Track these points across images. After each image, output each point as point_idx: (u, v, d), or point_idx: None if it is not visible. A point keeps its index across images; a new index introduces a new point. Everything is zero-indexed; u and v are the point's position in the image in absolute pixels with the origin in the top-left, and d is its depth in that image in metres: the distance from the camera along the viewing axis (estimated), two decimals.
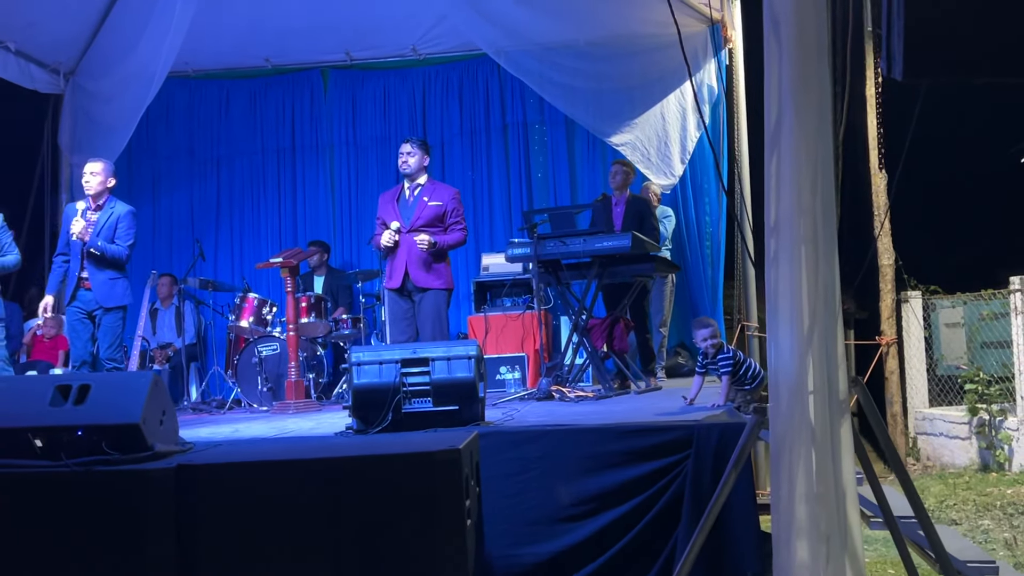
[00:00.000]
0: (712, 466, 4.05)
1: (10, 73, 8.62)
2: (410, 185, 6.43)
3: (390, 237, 6.24)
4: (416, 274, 6.20)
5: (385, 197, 6.59)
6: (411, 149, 6.42)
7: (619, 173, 7.33)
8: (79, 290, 6.13)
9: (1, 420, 3.75)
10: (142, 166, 9.72)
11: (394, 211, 6.37)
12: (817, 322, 2.95)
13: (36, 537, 3.52)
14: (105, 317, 6.12)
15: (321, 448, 3.93)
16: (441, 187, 6.52)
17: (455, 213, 6.37)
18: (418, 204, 6.33)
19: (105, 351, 6.09)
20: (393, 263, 6.33)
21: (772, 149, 3.02)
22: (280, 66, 9.73)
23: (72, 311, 6.11)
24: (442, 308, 6.21)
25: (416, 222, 6.27)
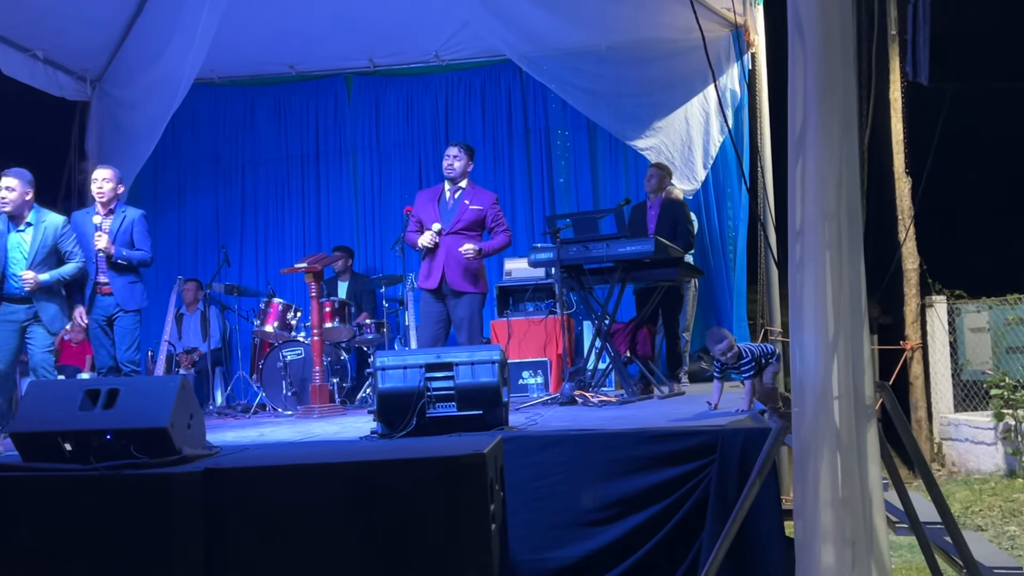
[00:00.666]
0: (737, 471, 4.04)
1: (38, 80, 8.72)
2: (451, 188, 6.47)
3: (431, 238, 6.28)
4: (453, 277, 6.25)
5: (424, 196, 6.60)
6: (458, 153, 6.47)
7: (654, 176, 7.33)
8: (96, 296, 6.17)
9: (32, 424, 3.81)
10: (168, 172, 9.80)
11: (434, 211, 6.39)
12: (842, 327, 2.95)
13: (66, 539, 3.56)
14: (124, 319, 6.16)
15: (347, 452, 3.96)
16: (482, 192, 6.56)
17: (497, 217, 6.43)
18: (459, 207, 6.37)
19: (124, 353, 6.13)
20: (431, 264, 6.36)
21: (797, 154, 3.02)
22: (304, 73, 9.80)
23: (91, 319, 6.14)
24: (476, 312, 6.28)
25: (456, 225, 6.32)
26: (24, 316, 5.78)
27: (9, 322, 5.76)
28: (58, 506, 3.61)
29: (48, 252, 5.85)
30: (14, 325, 5.77)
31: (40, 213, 5.90)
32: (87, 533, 3.55)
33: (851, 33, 2.98)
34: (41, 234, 5.85)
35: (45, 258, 5.84)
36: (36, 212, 5.89)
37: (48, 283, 5.78)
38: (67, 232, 5.99)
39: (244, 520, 3.55)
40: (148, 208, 9.54)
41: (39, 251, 5.81)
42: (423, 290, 6.41)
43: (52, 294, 5.83)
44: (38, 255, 5.81)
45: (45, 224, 5.88)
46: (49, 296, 5.81)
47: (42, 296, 5.77)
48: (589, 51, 8.55)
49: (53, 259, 5.89)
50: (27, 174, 5.86)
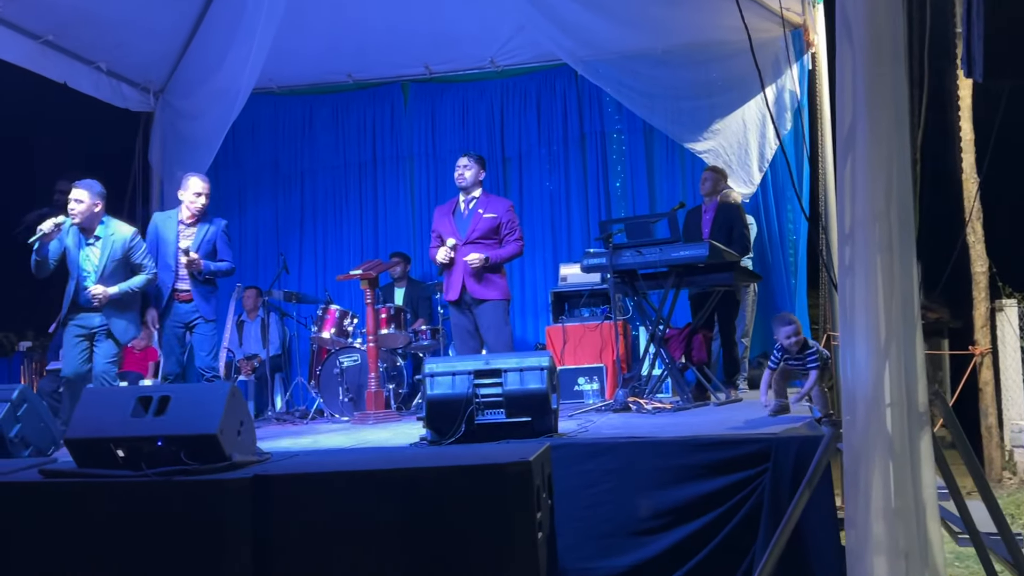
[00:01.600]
0: (791, 480, 3.95)
1: (102, 92, 8.94)
2: (465, 198, 6.51)
3: (445, 254, 6.35)
4: (472, 286, 6.31)
5: (440, 211, 6.68)
6: (467, 163, 6.51)
7: (708, 180, 7.25)
8: (173, 303, 6.16)
9: (86, 430, 3.87)
10: (228, 181, 9.95)
11: (450, 224, 6.46)
12: (894, 333, 2.87)
13: (118, 545, 3.61)
14: (204, 326, 6.17)
15: (394, 459, 3.95)
16: (495, 200, 6.60)
17: (510, 225, 6.42)
18: (473, 217, 6.41)
19: (204, 359, 6.12)
20: (450, 277, 6.44)
21: (846, 154, 2.96)
22: (361, 81, 9.88)
23: (168, 325, 6.14)
24: (502, 318, 6.28)
25: (472, 235, 6.35)
26: (97, 324, 5.84)
27: (81, 328, 5.82)
28: (110, 512, 3.66)
29: (117, 264, 5.89)
30: (84, 331, 5.83)
31: (109, 225, 5.93)
32: (138, 539, 3.60)
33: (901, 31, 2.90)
34: (110, 247, 5.88)
35: (114, 270, 5.88)
36: (105, 224, 5.92)
37: (117, 296, 5.82)
38: (137, 244, 6.00)
39: (292, 526, 3.56)
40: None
41: (108, 263, 5.85)
42: (449, 304, 6.46)
43: (122, 307, 5.88)
44: (107, 268, 5.85)
45: (114, 236, 5.91)
46: (120, 309, 5.85)
47: (112, 309, 5.82)
48: (646, 54, 8.47)
49: (123, 271, 5.93)
50: (97, 185, 5.89)
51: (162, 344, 6.24)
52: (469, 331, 6.37)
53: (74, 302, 5.83)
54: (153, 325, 6.07)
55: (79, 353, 5.82)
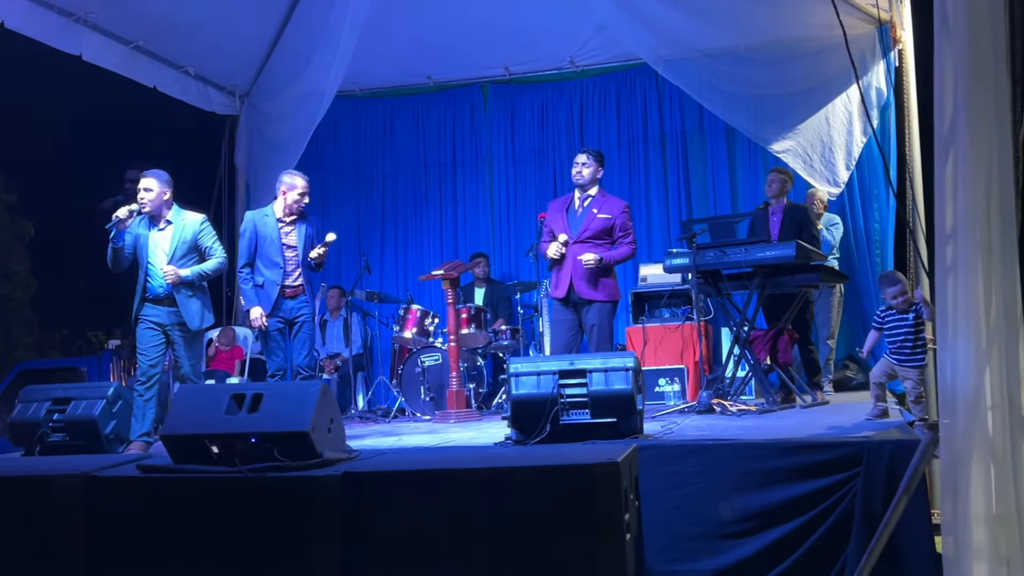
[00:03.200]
0: (884, 484, 3.87)
1: (190, 96, 9.17)
2: (581, 196, 6.43)
3: (556, 250, 6.26)
4: (580, 286, 6.18)
5: (555, 205, 6.59)
6: (587, 160, 6.41)
7: (775, 181, 7.13)
8: (281, 299, 6.10)
9: (181, 427, 3.97)
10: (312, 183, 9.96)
11: (563, 221, 6.37)
12: (996, 334, 2.80)
13: (212, 539, 3.70)
14: (308, 325, 6.15)
15: (481, 458, 3.98)
16: (612, 200, 6.47)
17: (624, 227, 6.31)
18: (587, 216, 6.32)
19: (304, 359, 6.09)
20: (559, 274, 6.32)
21: (945, 152, 2.89)
22: (441, 83, 9.96)
23: (272, 322, 6.07)
24: (606, 320, 6.17)
25: (584, 234, 6.26)
26: (167, 320, 5.81)
27: (152, 323, 5.80)
28: (205, 507, 3.75)
29: (188, 248, 5.88)
30: (157, 328, 5.81)
31: (179, 212, 5.94)
32: (232, 533, 3.68)
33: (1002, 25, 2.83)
34: (180, 231, 5.88)
35: (185, 254, 5.87)
36: (176, 212, 5.93)
37: (190, 279, 5.80)
38: (206, 229, 6.00)
39: (381, 523, 3.60)
40: None
41: (179, 247, 5.84)
42: (554, 299, 6.40)
43: (194, 290, 5.85)
44: (177, 251, 5.83)
45: (184, 222, 5.91)
46: (191, 292, 5.82)
47: (184, 292, 5.78)
48: (727, 52, 8.38)
49: (194, 256, 5.92)
50: (164, 174, 5.90)
51: (267, 341, 6.15)
52: (570, 328, 6.25)
53: (144, 295, 5.82)
54: (261, 322, 6.04)
55: (152, 347, 5.79)
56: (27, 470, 4.32)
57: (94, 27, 7.84)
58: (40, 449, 5.34)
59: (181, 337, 5.84)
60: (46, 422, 5.38)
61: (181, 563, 3.72)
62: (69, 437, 5.34)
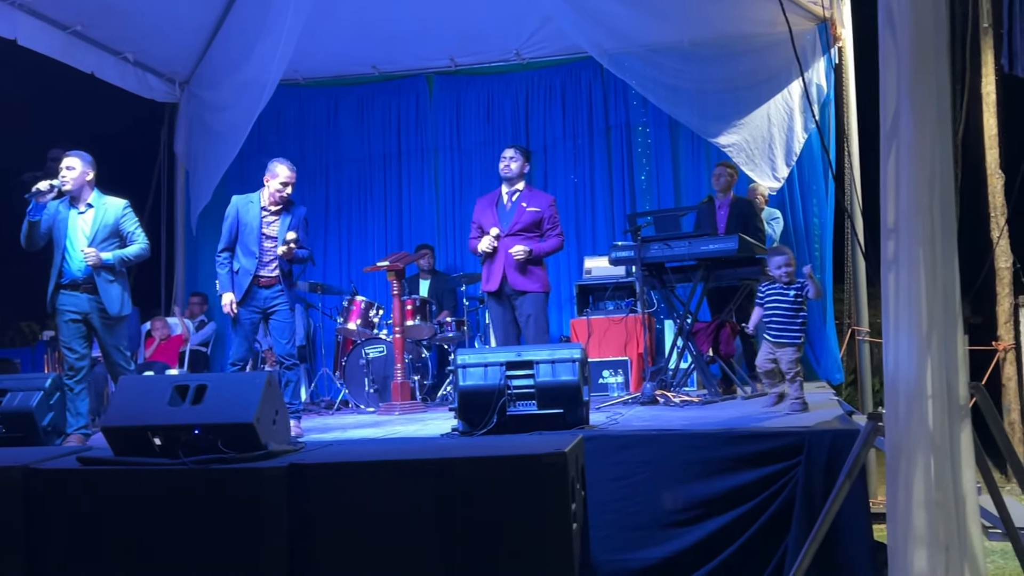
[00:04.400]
0: (824, 473, 3.96)
1: (129, 83, 9.00)
2: (509, 190, 6.48)
3: (489, 243, 6.32)
4: (513, 277, 6.28)
5: (483, 202, 6.65)
6: (513, 154, 6.47)
7: (723, 175, 7.24)
8: (254, 288, 5.91)
9: (123, 419, 3.90)
10: (254, 172, 9.86)
11: (493, 216, 6.44)
12: (936, 325, 2.87)
13: (155, 532, 3.64)
14: (283, 314, 5.96)
15: (428, 449, 3.97)
16: (539, 194, 6.59)
17: (552, 220, 6.42)
18: (517, 209, 6.39)
19: (284, 347, 5.93)
20: (491, 267, 6.40)
21: (889, 148, 2.95)
22: (387, 73, 9.90)
23: (245, 311, 5.90)
24: (541, 310, 6.28)
25: (515, 227, 6.34)
26: (87, 307, 5.66)
27: (73, 313, 5.65)
28: (148, 499, 3.69)
29: (109, 232, 5.73)
30: (78, 318, 5.65)
31: (101, 197, 5.78)
32: (176, 526, 3.62)
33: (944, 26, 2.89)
34: (102, 215, 5.73)
35: (107, 238, 5.72)
36: (97, 196, 5.77)
37: (111, 262, 5.65)
38: (128, 214, 5.84)
39: (327, 515, 3.57)
40: None
41: (100, 231, 5.69)
42: (488, 294, 6.45)
43: (115, 275, 5.71)
44: (99, 235, 5.68)
45: (106, 206, 5.76)
46: (112, 277, 5.68)
47: (105, 276, 5.65)
48: (672, 47, 8.45)
49: (115, 241, 5.76)
50: (88, 156, 5.75)
51: (236, 329, 5.95)
52: (508, 321, 6.38)
53: (59, 280, 5.66)
54: (231, 309, 5.90)
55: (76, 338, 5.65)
56: None
57: (30, 11, 7.64)
58: None
59: (102, 323, 5.69)
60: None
61: (124, 556, 3.66)
62: (5, 429, 5.19)
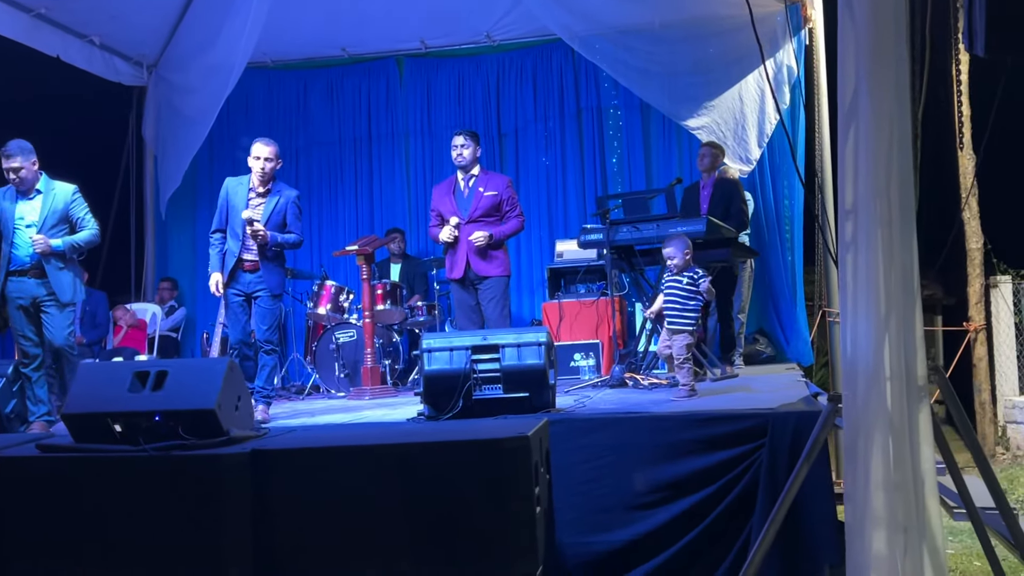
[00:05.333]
0: (788, 455, 3.97)
1: (95, 66, 8.87)
2: (464, 176, 6.47)
3: (450, 233, 6.32)
4: (476, 264, 6.32)
5: (440, 190, 6.63)
6: (464, 141, 6.44)
7: (707, 155, 7.24)
8: (238, 271, 5.82)
9: (82, 405, 3.86)
10: (223, 156, 9.88)
11: (451, 204, 6.43)
12: (894, 307, 2.87)
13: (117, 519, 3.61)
14: (266, 299, 5.85)
15: (392, 434, 3.96)
16: (494, 176, 6.57)
17: (510, 201, 6.42)
18: (474, 195, 6.39)
19: (264, 333, 5.84)
20: (454, 256, 6.41)
21: (847, 129, 2.94)
22: (357, 55, 9.81)
23: (230, 293, 5.83)
24: (502, 294, 6.32)
25: (474, 213, 6.35)
26: (35, 292, 5.56)
27: (20, 299, 5.56)
28: (108, 487, 3.66)
29: (59, 219, 5.63)
30: (25, 302, 5.56)
31: (49, 182, 5.68)
32: (137, 513, 3.59)
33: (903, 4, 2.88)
34: (51, 201, 5.63)
35: (56, 224, 5.61)
36: (45, 181, 5.67)
37: (60, 249, 5.55)
38: (78, 200, 5.73)
39: (290, 501, 3.56)
40: (205, 191, 9.72)
41: (48, 216, 5.59)
42: (452, 282, 6.44)
43: (65, 262, 5.61)
44: (47, 221, 5.58)
45: (55, 192, 5.66)
46: (62, 264, 5.59)
47: (55, 263, 5.55)
48: (642, 29, 8.42)
49: (65, 227, 5.66)
50: (26, 144, 5.60)
51: (227, 313, 5.92)
52: (472, 307, 6.37)
53: (7, 268, 5.57)
54: (217, 289, 5.83)
55: (27, 326, 5.56)
56: None
57: None
58: None
59: (52, 308, 5.58)
60: None
61: (85, 545, 3.62)
62: None
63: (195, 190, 9.85)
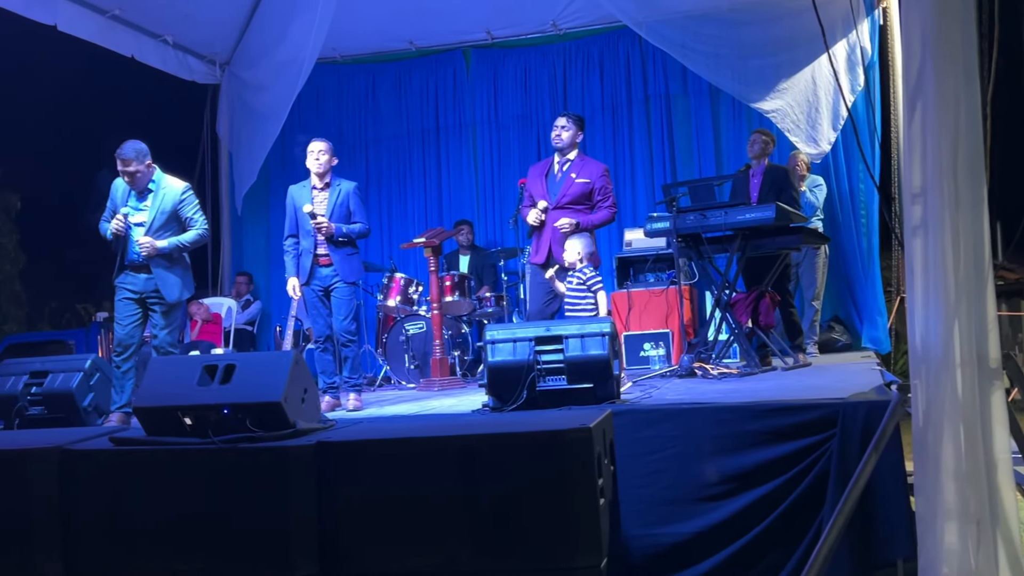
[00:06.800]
0: (859, 445, 3.86)
1: (169, 65, 9.06)
2: (560, 160, 6.37)
3: (536, 217, 6.23)
4: (558, 252, 6.18)
5: (535, 171, 6.54)
6: (566, 123, 6.35)
7: (757, 142, 7.10)
8: (315, 267, 5.99)
9: (154, 399, 3.94)
10: (295, 152, 10.03)
11: (542, 186, 6.33)
12: (964, 292, 2.78)
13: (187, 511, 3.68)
14: (342, 290, 5.99)
15: (456, 426, 3.96)
16: (591, 163, 6.42)
17: (603, 191, 6.27)
18: (565, 181, 6.27)
19: (341, 323, 5.98)
20: (539, 240, 6.33)
21: (912, 109, 2.85)
22: (424, 48, 9.87)
23: (309, 291, 6.01)
24: None
25: (562, 199, 6.22)
26: (142, 287, 5.64)
27: (130, 291, 5.65)
28: (179, 479, 3.73)
29: (167, 219, 5.67)
30: (134, 297, 5.65)
31: (162, 179, 5.72)
32: (206, 505, 3.66)
33: None
34: (159, 202, 5.67)
35: (164, 224, 5.66)
36: (159, 178, 5.71)
37: (167, 250, 5.61)
38: (188, 198, 5.77)
39: (354, 491, 3.58)
40: (277, 186, 9.88)
41: (157, 217, 5.64)
42: (533, 264, 6.37)
43: (172, 262, 5.68)
44: (156, 221, 5.63)
45: (165, 190, 5.69)
46: (168, 264, 5.66)
47: (161, 263, 5.62)
48: (710, 13, 8.29)
49: (174, 226, 5.71)
50: (141, 146, 5.66)
51: (308, 310, 6.11)
52: (548, 291, 6.25)
53: (121, 262, 5.67)
54: (294, 292, 6.02)
55: (128, 316, 5.65)
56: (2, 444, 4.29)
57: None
58: (19, 423, 5.31)
59: (158, 307, 5.67)
60: (24, 396, 5.34)
61: (156, 536, 3.70)
62: (47, 410, 5.31)
63: (268, 185, 10.01)
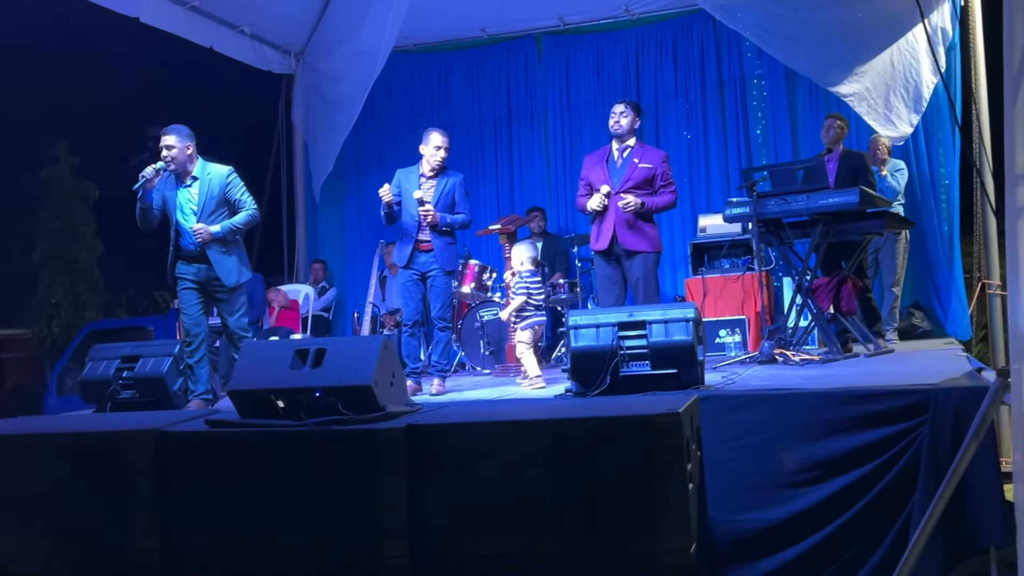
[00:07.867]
0: (951, 432, 3.81)
1: (246, 55, 9.21)
2: (619, 146, 6.35)
3: (599, 201, 6.17)
4: (624, 236, 6.09)
5: (592, 158, 6.52)
6: (624, 110, 6.33)
7: (832, 128, 7.01)
8: (416, 252, 6.17)
9: (247, 383, 4.05)
10: (368, 139, 10.16)
11: (603, 172, 6.30)
12: None
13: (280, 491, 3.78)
14: (440, 279, 6.19)
15: (542, 410, 4.00)
16: (651, 150, 6.40)
17: (664, 176, 6.25)
18: (628, 166, 6.24)
19: (438, 310, 6.21)
20: (601, 226, 6.25)
21: (1014, 91, 2.79)
22: (495, 35, 9.89)
23: (407, 273, 6.21)
24: (651, 271, 6.09)
25: (626, 184, 6.19)
26: (203, 276, 5.76)
27: (191, 281, 5.77)
28: (273, 460, 3.84)
29: (217, 203, 5.76)
30: (195, 286, 5.77)
31: (206, 166, 5.81)
32: (299, 486, 3.76)
33: None
34: (207, 186, 5.76)
35: (215, 209, 5.75)
36: (201, 166, 5.81)
37: (220, 234, 5.70)
38: (234, 180, 5.86)
39: (444, 474, 3.65)
40: (351, 175, 10.02)
41: (207, 203, 5.73)
42: (596, 254, 6.32)
43: (227, 246, 5.77)
44: (206, 207, 5.72)
45: (211, 176, 5.79)
46: (225, 249, 5.75)
47: (217, 248, 5.71)
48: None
49: (224, 211, 5.80)
50: (184, 128, 5.77)
51: (400, 293, 6.26)
52: (615, 281, 6.24)
53: (176, 251, 5.79)
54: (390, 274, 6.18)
55: (193, 305, 5.78)
56: (100, 426, 4.44)
57: None
58: (111, 406, 5.46)
59: (221, 294, 5.80)
60: (116, 379, 5.48)
61: (250, 515, 3.81)
62: (138, 394, 5.45)
63: (342, 174, 10.13)
